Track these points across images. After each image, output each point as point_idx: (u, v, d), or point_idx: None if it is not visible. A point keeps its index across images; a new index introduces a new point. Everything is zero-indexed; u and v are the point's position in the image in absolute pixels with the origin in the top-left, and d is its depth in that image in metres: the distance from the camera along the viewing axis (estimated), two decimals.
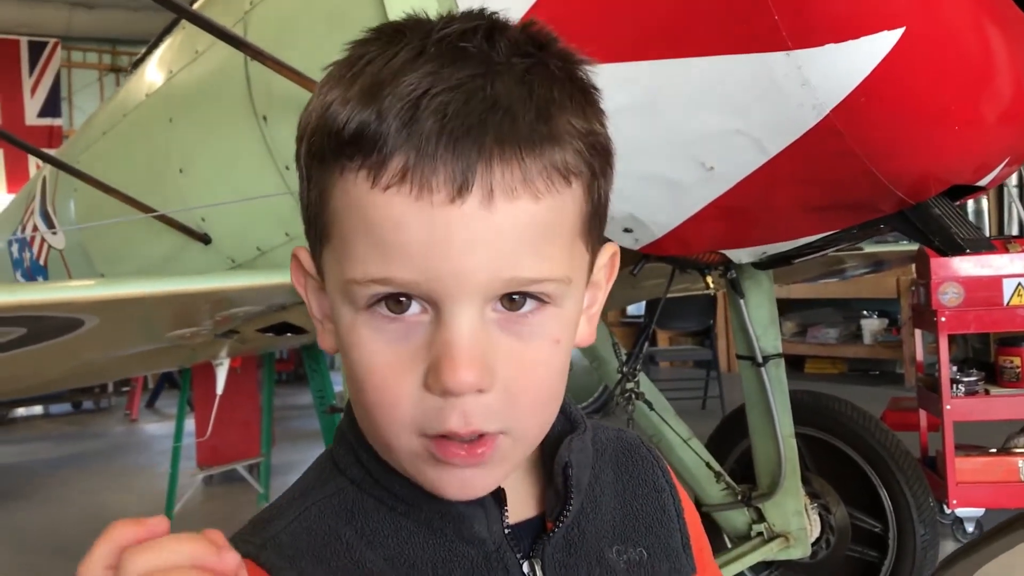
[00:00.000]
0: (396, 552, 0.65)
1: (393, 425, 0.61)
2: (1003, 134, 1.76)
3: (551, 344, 0.62)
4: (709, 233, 1.96)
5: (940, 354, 3.78)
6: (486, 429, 0.60)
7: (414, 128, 0.56)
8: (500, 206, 0.57)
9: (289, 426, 7.31)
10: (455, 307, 0.58)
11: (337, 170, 0.59)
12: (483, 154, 0.56)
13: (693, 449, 2.90)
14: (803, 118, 1.64)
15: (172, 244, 2.75)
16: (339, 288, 0.62)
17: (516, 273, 0.59)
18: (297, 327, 2.90)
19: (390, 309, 0.59)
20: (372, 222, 0.58)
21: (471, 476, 0.62)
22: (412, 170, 0.56)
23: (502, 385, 0.59)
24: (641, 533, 0.74)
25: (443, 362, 0.57)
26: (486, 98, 0.57)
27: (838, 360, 8.76)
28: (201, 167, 2.62)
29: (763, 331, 2.70)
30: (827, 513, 3.01)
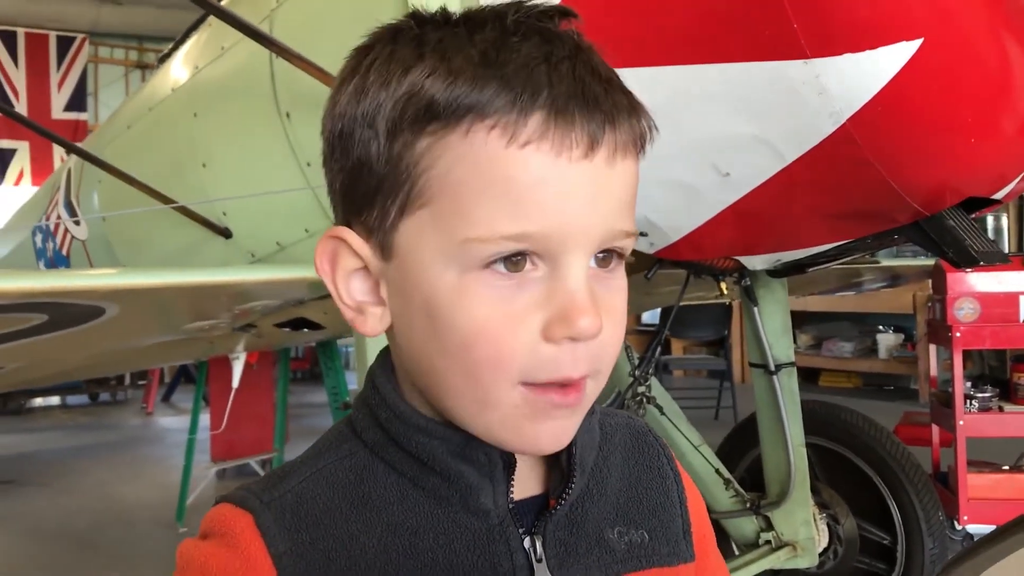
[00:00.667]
0: (400, 519, 0.66)
1: (502, 379, 0.62)
2: (1020, 146, 1.77)
3: (623, 294, 0.67)
4: (724, 238, 1.98)
5: (954, 369, 3.77)
6: (590, 372, 0.64)
7: (551, 90, 0.60)
8: (619, 163, 0.63)
9: (303, 423, 7.35)
10: (573, 259, 0.62)
11: (458, 129, 0.60)
12: (608, 115, 0.62)
13: (703, 455, 2.90)
14: (820, 126, 1.66)
15: (193, 237, 2.79)
16: (443, 252, 0.62)
17: (623, 226, 0.64)
18: (314, 323, 2.94)
19: (506, 268, 0.61)
20: (507, 178, 0.60)
21: (565, 423, 0.65)
22: (551, 128, 0.60)
23: (603, 334, 0.63)
24: (644, 516, 0.76)
25: (571, 310, 0.61)
26: (595, 69, 0.63)
27: (853, 374, 8.73)
28: (224, 162, 2.66)
29: (776, 339, 2.71)
30: (836, 524, 3.01)
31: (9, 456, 7.24)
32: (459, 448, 0.66)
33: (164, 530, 4.78)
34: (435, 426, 0.67)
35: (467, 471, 0.66)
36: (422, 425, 0.67)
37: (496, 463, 0.67)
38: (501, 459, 0.67)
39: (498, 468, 0.67)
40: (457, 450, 0.66)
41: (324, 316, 2.86)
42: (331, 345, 4.09)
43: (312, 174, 2.37)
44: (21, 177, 12.56)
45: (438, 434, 0.67)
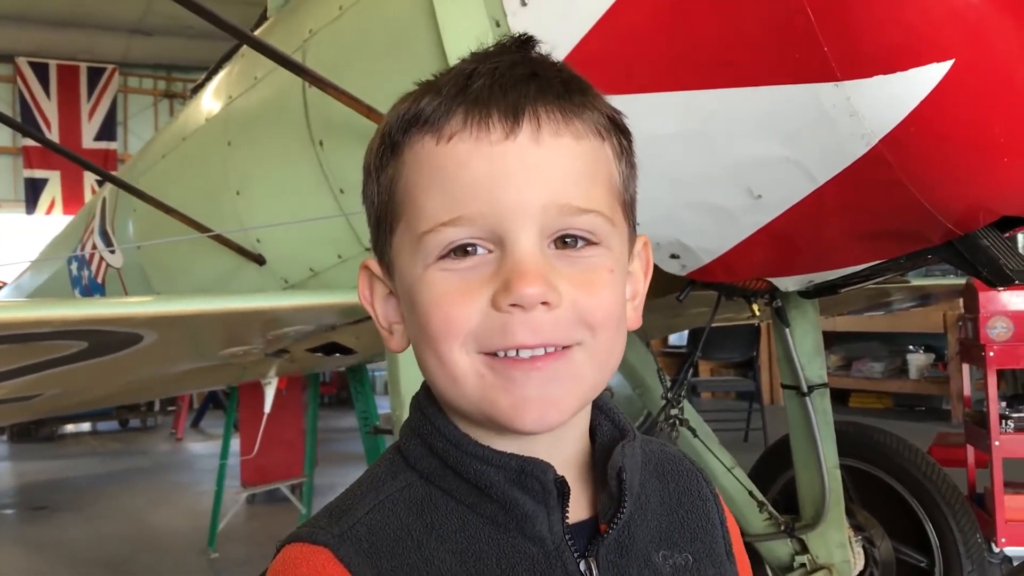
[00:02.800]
0: (464, 546, 0.68)
1: (456, 347, 0.67)
2: None
3: (606, 272, 0.69)
4: (756, 260, 1.98)
5: (988, 389, 3.73)
6: (559, 340, 0.66)
7: (468, 90, 0.68)
8: (547, 141, 0.67)
9: (332, 448, 7.37)
10: (518, 234, 0.66)
11: (406, 147, 0.70)
12: (528, 99, 0.67)
13: (736, 478, 2.89)
14: (852, 148, 1.66)
15: (228, 264, 2.82)
16: (410, 250, 0.70)
17: (568, 200, 0.67)
18: (345, 347, 2.96)
19: (456, 256, 0.67)
20: (439, 170, 0.67)
21: (543, 397, 0.66)
22: (469, 118, 0.67)
23: (570, 303, 0.67)
24: (687, 539, 0.77)
25: (512, 277, 0.65)
26: (526, 68, 0.70)
27: (883, 395, 8.65)
28: (258, 190, 2.69)
29: (808, 360, 2.70)
30: (871, 546, 2.99)
31: (42, 482, 7.31)
32: (515, 476, 0.68)
33: (196, 555, 4.81)
34: (491, 453, 0.69)
35: (522, 499, 0.68)
36: (478, 453, 0.69)
37: (551, 491, 0.68)
38: (556, 487, 0.69)
39: (552, 496, 0.69)
40: (513, 477, 0.68)
41: (355, 341, 2.88)
42: (361, 370, 4.11)
43: (345, 201, 2.40)
44: (53, 206, 12.76)
45: (494, 461, 0.69)
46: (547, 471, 0.69)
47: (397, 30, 2.22)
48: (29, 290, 5.10)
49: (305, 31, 2.51)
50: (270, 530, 5.29)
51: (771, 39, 1.63)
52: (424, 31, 2.08)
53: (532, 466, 0.68)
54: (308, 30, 2.51)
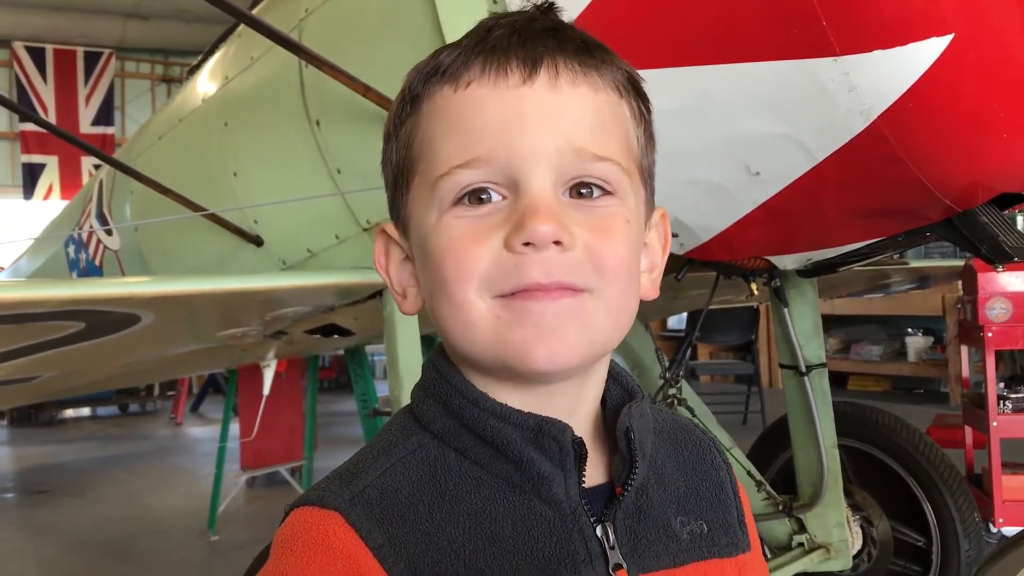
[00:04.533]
0: (479, 508, 0.67)
1: (469, 289, 0.66)
2: None
3: (622, 222, 0.69)
4: (754, 238, 1.97)
5: (987, 370, 3.73)
6: (572, 282, 0.65)
7: (487, 41, 0.68)
8: (565, 89, 0.68)
9: (331, 432, 7.39)
10: (532, 177, 0.66)
11: (425, 97, 0.70)
12: (547, 49, 0.68)
13: (734, 457, 2.89)
14: (850, 124, 1.65)
15: (225, 246, 2.82)
16: (425, 200, 0.69)
17: (584, 145, 0.67)
18: (344, 329, 2.95)
19: (470, 202, 0.67)
20: (456, 114, 0.68)
21: (556, 330, 0.65)
22: (487, 65, 0.67)
23: (583, 245, 0.66)
24: (703, 507, 0.77)
25: (525, 216, 0.64)
26: (546, 23, 0.70)
27: (882, 378, 8.66)
28: (255, 170, 2.68)
29: (807, 340, 2.70)
30: (869, 526, 2.99)
31: (43, 467, 7.33)
32: (532, 435, 0.68)
33: (196, 538, 4.82)
34: (509, 411, 0.68)
35: (539, 460, 0.67)
36: (496, 410, 0.68)
37: (568, 452, 0.68)
38: (573, 448, 0.68)
39: (569, 458, 0.68)
40: (531, 436, 0.68)
41: (354, 322, 2.88)
42: (360, 352, 4.11)
43: (342, 181, 2.39)
44: (50, 191, 12.74)
45: (512, 419, 0.68)
46: (565, 431, 0.68)
47: (393, 8, 2.20)
48: (26, 274, 5.10)
49: (301, 10, 2.50)
50: (270, 513, 5.31)
51: (768, 14, 1.62)
52: (420, 9, 2.06)
53: (550, 425, 0.68)
54: (304, 9, 2.50)
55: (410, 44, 2.11)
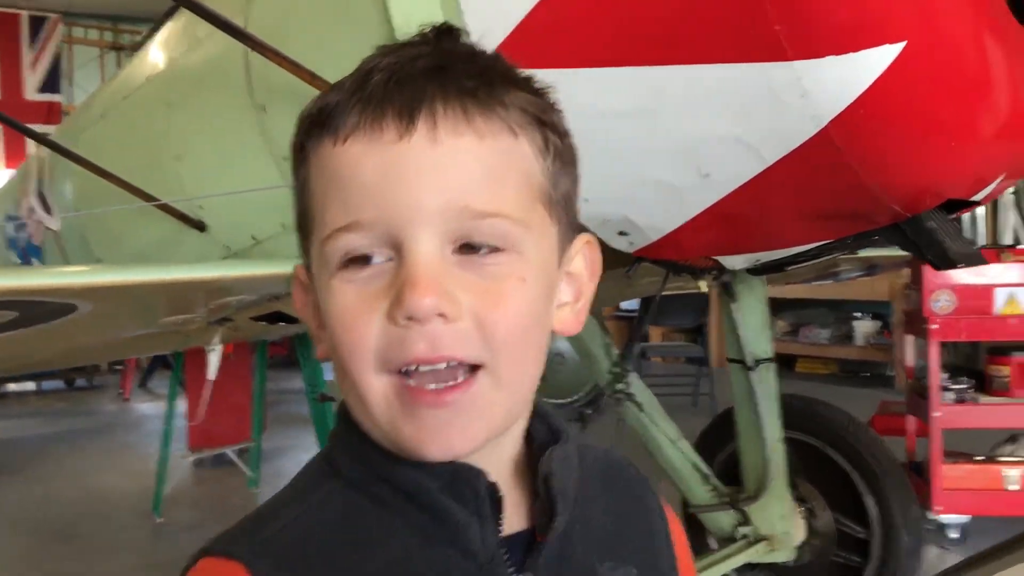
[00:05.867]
0: (392, 559, 0.65)
1: (361, 364, 0.63)
2: (1000, 149, 1.76)
3: (516, 281, 0.64)
4: (703, 239, 1.97)
5: (930, 361, 3.79)
6: (458, 355, 0.62)
7: (364, 88, 0.64)
8: (445, 140, 0.63)
9: (280, 410, 7.32)
10: (414, 239, 0.62)
11: (310, 151, 0.67)
12: (426, 96, 0.63)
13: (681, 450, 2.91)
14: (801, 128, 1.65)
15: (168, 230, 2.75)
16: (318, 259, 0.67)
17: (468, 203, 0.63)
18: (290, 316, 2.91)
19: (357, 266, 0.64)
20: (335, 172, 0.64)
21: (448, 427, 0.62)
22: (363, 118, 0.63)
23: (471, 314, 0.62)
24: (631, 551, 0.74)
25: (404, 288, 0.61)
26: (431, 61, 0.65)
27: (829, 360, 8.79)
28: (198, 154, 2.62)
29: (755, 335, 2.71)
30: (813, 518, 3.02)
31: None
32: (447, 481, 0.65)
33: (141, 520, 4.75)
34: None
35: (454, 507, 0.65)
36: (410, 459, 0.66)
37: (483, 499, 0.65)
38: (488, 495, 0.65)
39: (485, 504, 0.65)
40: (444, 484, 0.65)
41: None
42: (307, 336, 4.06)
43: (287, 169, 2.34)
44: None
45: (426, 467, 0.65)
46: (479, 477, 0.65)
47: None
48: None
49: None
50: (217, 494, 5.26)
51: (721, 16, 1.60)
52: None
53: (465, 472, 0.65)
54: None
55: (359, 31, 2.06)
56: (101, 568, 4.08)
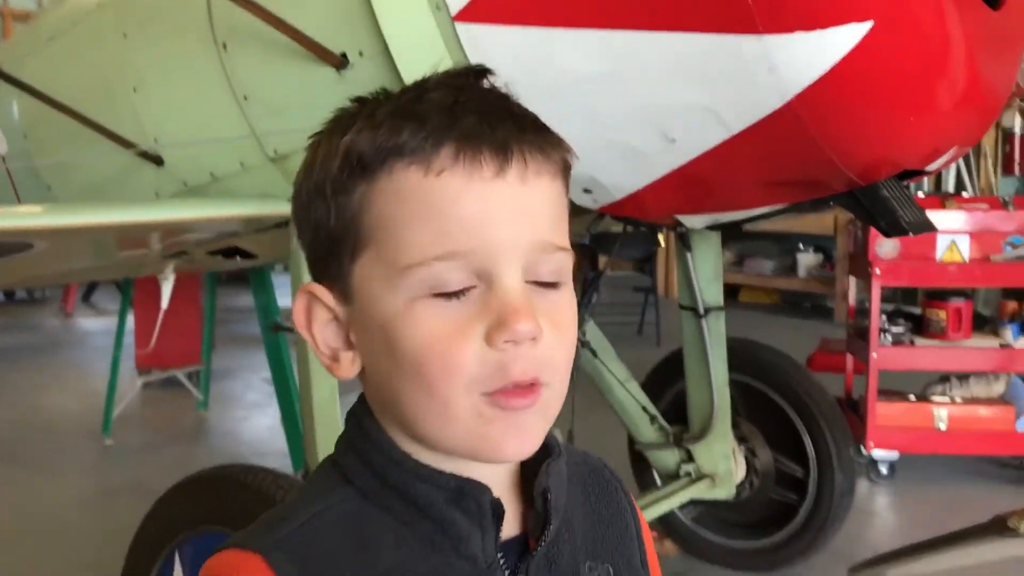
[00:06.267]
0: (398, 563, 0.70)
1: (457, 388, 0.68)
2: (956, 122, 1.82)
3: (571, 313, 0.73)
4: (666, 200, 2.00)
5: (872, 305, 3.92)
6: (541, 376, 0.69)
7: (456, 123, 0.68)
8: (532, 181, 0.69)
9: (230, 329, 7.28)
10: (507, 270, 0.68)
11: (384, 172, 0.69)
12: (516, 139, 0.69)
13: (630, 391, 2.99)
14: (767, 101, 1.68)
15: (123, 163, 2.69)
16: (385, 282, 0.69)
17: (549, 238, 0.70)
18: (247, 252, 2.89)
19: (448, 295, 0.68)
20: (429, 203, 0.68)
21: (525, 428, 0.70)
22: (462, 153, 0.67)
23: (546, 341, 0.69)
24: (608, 551, 0.81)
25: (506, 314, 0.67)
26: (504, 106, 0.72)
27: (772, 291, 8.97)
28: (156, 88, 2.55)
29: (707, 284, 2.78)
30: (753, 456, 3.15)
31: None
32: (454, 495, 0.71)
33: (89, 442, 4.75)
34: (431, 472, 0.71)
35: (460, 519, 0.71)
36: (419, 472, 0.71)
37: (486, 512, 0.71)
38: (491, 508, 0.71)
39: (487, 517, 0.71)
40: (452, 498, 0.71)
41: (258, 247, 2.82)
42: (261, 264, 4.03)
43: (249, 108, 2.31)
44: None
45: (434, 481, 0.71)
46: (484, 493, 0.71)
47: None
48: None
49: None
50: (166, 416, 5.27)
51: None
52: None
53: (471, 487, 0.71)
54: None
55: None
56: (50, 491, 4.08)
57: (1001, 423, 3.96)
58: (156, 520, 2.01)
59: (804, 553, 3.10)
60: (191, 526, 1.91)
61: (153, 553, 1.95)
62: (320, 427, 2.17)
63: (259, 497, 1.78)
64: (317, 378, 2.22)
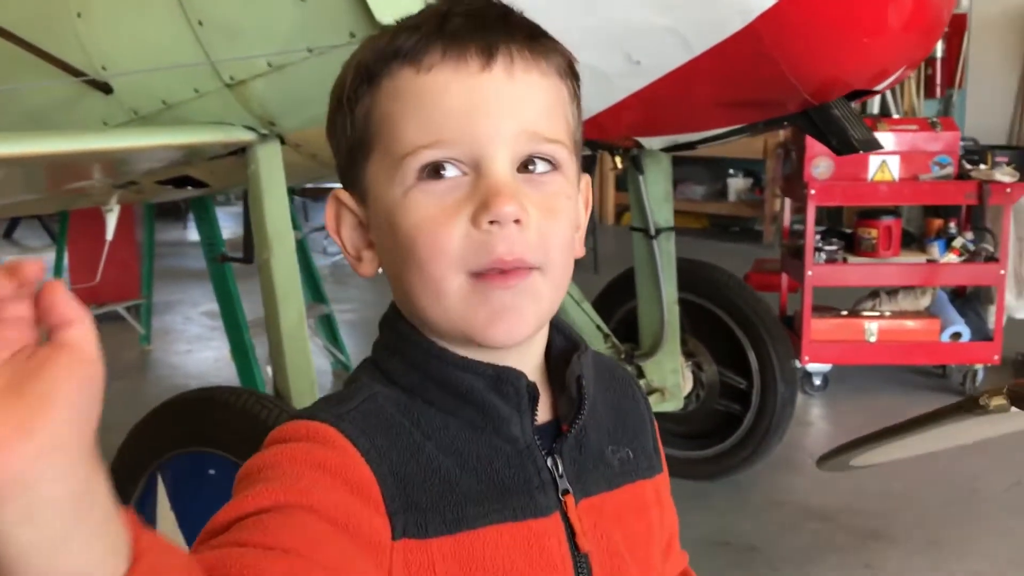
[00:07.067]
0: (446, 443, 0.76)
1: (443, 266, 0.73)
2: (904, 43, 1.90)
3: (565, 199, 0.77)
4: (627, 121, 2.06)
5: (807, 224, 4.05)
6: (527, 257, 0.73)
7: (446, 25, 0.74)
8: (519, 75, 0.74)
9: (166, 263, 7.13)
10: (493, 158, 0.73)
11: (384, 78, 0.75)
12: (504, 37, 0.74)
13: (584, 311, 3.08)
14: (730, 21, 1.74)
15: (69, 91, 2.62)
16: (387, 175, 0.75)
17: (537, 128, 0.74)
18: (198, 181, 2.87)
19: (433, 177, 0.73)
20: (420, 97, 0.73)
21: (513, 311, 0.74)
22: (448, 50, 0.73)
23: (535, 225, 0.73)
24: (628, 437, 0.88)
25: (490, 196, 0.71)
26: (498, 10, 0.76)
27: (702, 216, 9.13)
28: (102, 13, 2.47)
29: (658, 206, 2.86)
30: (699, 370, 3.28)
31: None
32: (492, 382, 0.76)
33: None
34: (470, 362, 0.77)
35: (499, 403, 0.76)
36: (459, 362, 0.77)
37: (523, 396, 0.77)
38: (527, 392, 0.77)
39: (524, 400, 0.77)
40: (491, 383, 0.76)
41: (210, 175, 2.79)
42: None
43: (203, 33, 2.27)
44: None
45: (473, 369, 0.76)
46: (520, 378, 0.77)
47: None
48: None
49: None
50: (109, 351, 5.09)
51: None
52: None
53: (507, 373, 0.76)
54: None
55: None
56: None
57: (927, 335, 4.16)
58: (136, 445, 2.03)
59: (748, 461, 3.26)
60: (173, 448, 1.94)
61: (134, 476, 1.98)
62: (290, 351, 2.20)
63: (244, 416, 1.82)
64: (284, 303, 2.25)
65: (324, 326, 4.76)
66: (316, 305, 4.62)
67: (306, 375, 2.22)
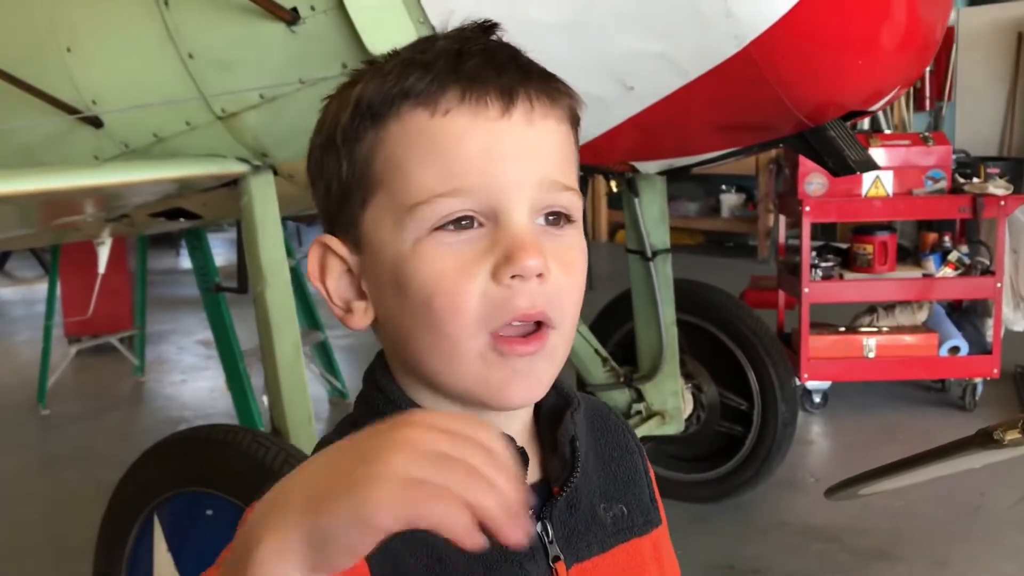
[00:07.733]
0: None
1: (462, 326, 0.68)
2: (898, 65, 1.90)
3: (580, 253, 0.73)
4: (623, 146, 2.05)
5: (803, 241, 4.04)
6: (548, 314, 0.69)
7: (462, 67, 0.69)
8: (538, 122, 0.71)
9: (157, 292, 7.11)
10: (514, 208, 0.69)
11: (392, 117, 0.70)
12: (521, 81, 0.70)
13: (581, 334, 3.06)
14: (724, 47, 1.73)
15: (59, 125, 2.61)
16: (394, 222, 0.70)
17: (556, 176, 0.71)
18: (191, 213, 2.85)
19: (453, 228, 0.69)
20: (435, 142, 0.69)
21: (531, 375, 0.70)
22: (467, 94, 0.69)
23: (554, 279, 0.69)
24: (621, 492, 0.83)
25: (513, 249, 0.67)
26: (509, 52, 0.72)
27: (696, 232, 9.13)
28: (92, 48, 2.46)
29: (654, 228, 2.85)
30: (699, 392, 3.26)
31: None
32: None
33: (25, 414, 4.63)
34: None
35: None
36: None
37: None
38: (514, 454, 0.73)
39: None
40: None
41: (203, 207, 2.78)
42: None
43: (194, 66, 2.26)
44: None
45: None
46: (508, 441, 0.72)
47: None
48: None
49: None
50: (102, 383, 5.16)
51: None
52: None
53: None
54: None
55: None
56: None
57: (925, 349, 4.15)
58: (132, 485, 2.00)
59: (751, 482, 3.24)
60: (170, 488, 1.91)
61: (131, 517, 1.95)
62: (286, 384, 2.18)
63: (241, 456, 1.79)
64: (279, 335, 2.23)
65: (320, 353, 4.73)
66: (311, 332, 4.60)
67: (303, 408, 2.19)
